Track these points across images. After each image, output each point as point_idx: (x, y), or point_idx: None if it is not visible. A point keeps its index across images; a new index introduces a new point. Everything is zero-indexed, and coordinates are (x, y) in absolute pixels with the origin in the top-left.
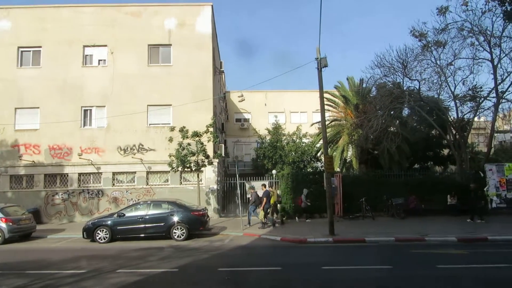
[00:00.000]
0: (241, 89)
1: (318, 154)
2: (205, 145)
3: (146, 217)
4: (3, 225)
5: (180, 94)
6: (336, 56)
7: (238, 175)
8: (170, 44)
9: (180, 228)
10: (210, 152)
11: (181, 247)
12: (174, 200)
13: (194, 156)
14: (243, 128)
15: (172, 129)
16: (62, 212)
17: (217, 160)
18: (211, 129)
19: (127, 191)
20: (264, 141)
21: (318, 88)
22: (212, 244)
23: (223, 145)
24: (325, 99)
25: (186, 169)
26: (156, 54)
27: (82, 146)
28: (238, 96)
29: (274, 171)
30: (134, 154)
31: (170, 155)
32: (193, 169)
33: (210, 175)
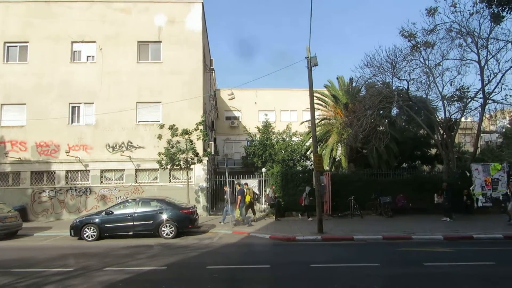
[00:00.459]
0: (232, 87)
1: (308, 153)
2: (195, 143)
3: (135, 215)
4: None
5: (170, 92)
6: (327, 55)
7: (228, 173)
8: (160, 41)
9: (169, 226)
10: (200, 150)
11: (170, 245)
12: (163, 198)
13: (184, 154)
14: (233, 126)
15: (162, 127)
16: (49, 210)
17: (207, 158)
18: (201, 127)
19: (116, 189)
20: (254, 139)
21: (308, 87)
22: (201, 242)
23: (213, 143)
24: (315, 98)
25: (176, 167)
26: (146, 51)
27: (70, 143)
28: (228, 94)
29: (264, 170)
30: (123, 152)
31: (159, 153)
32: (183, 167)
33: (200, 173)
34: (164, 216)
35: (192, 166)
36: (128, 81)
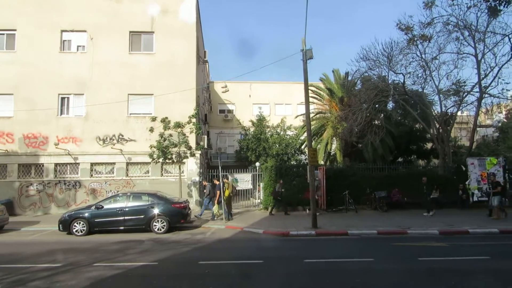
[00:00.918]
0: (225, 80)
1: (302, 147)
2: (188, 136)
3: (126, 209)
4: None
5: (162, 83)
6: (323, 48)
7: (221, 167)
8: (153, 32)
9: (161, 221)
10: (193, 144)
11: (162, 240)
12: (155, 192)
13: (176, 148)
14: (227, 120)
15: (154, 119)
16: (37, 204)
17: (200, 152)
18: (194, 120)
19: (106, 183)
20: (248, 133)
21: (303, 80)
22: (194, 237)
23: (206, 137)
24: (310, 92)
25: (168, 161)
26: (138, 42)
27: (59, 135)
28: (222, 87)
29: (258, 164)
30: (114, 145)
31: (151, 146)
32: (175, 161)
33: (192, 167)
34: (156, 211)
35: (185, 160)
36: (120, 72)
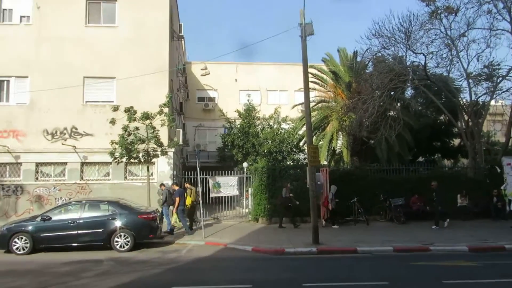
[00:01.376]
0: (206, 60)
1: (301, 144)
2: (158, 130)
3: (80, 221)
4: None
5: (127, 64)
6: (326, 23)
7: (200, 169)
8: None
9: (124, 236)
10: (164, 139)
11: (125, 260)
12: (117, 200)
13: (144, 144)
14: (207, 109)
15: (116, 109)
16: None
17: (173, 150)
18: (166, 110)
19: (55, 188)
20: (234, 126)
21: (302, 62)
22: (165, 256)
23: (181, 131)
24: (311, 75)
25: (133, 160)
26: (97, 12)
27: None
28: (202, 69)
29: (245, 164)
30: (65, 140)
31: (113, 142)
32: (142, 161)
33: (164, 168)
34: (118, 223)
35: (154, 160)
36: (74, 50)
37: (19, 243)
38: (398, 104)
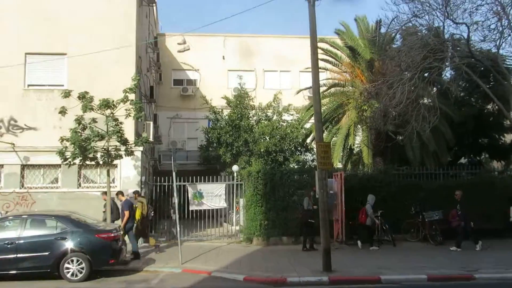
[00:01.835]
0: (185, 32)
1: (308, 140)
2: (122, 123)
3: (20, 242)
4: None
5: (82, 37)
6: None
7: (176, 174)
8: None
9: (77, 261)
10: (130, 135)
11: None
12: (68, 214)
13: (103, 141)
14: (186, 96)
15: (67, 95)
16: None
17: (142, 148)
18: (132, 97)
19: None
20: (221, 118)
21: (309, 33)
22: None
23: (152, 123)
24: (321, 51)
25: (89, 162)
26: None
27: None
28: (179, 43)
29: (236, 167)
30: (1, 136)
31: (63, 139)
32: (101, 163)
33: (129, 173)
34: (69, 244)
35: (117, 161)
36: (12, 19)
37: None
38: (434, 89)
